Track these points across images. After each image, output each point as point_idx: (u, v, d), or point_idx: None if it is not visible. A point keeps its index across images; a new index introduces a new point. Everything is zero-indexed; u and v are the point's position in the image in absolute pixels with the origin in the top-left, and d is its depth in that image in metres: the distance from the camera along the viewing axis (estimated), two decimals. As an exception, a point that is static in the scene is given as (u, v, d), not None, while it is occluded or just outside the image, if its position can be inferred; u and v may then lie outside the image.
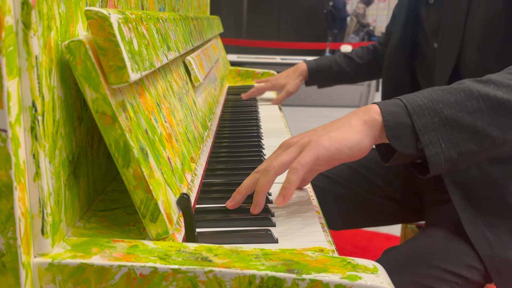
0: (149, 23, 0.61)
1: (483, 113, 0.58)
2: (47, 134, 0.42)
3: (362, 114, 0.59)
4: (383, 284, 0.41)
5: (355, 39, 7.29)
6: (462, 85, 0.61)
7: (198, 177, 0.72)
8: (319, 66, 1.39)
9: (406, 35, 1.07)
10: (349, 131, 0.58)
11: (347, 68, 1.35)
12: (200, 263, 0.42)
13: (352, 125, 0.58)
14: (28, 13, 0.39)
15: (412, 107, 0.58)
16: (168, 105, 0.67)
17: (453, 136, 0.58)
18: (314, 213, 0.65)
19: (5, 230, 0.40)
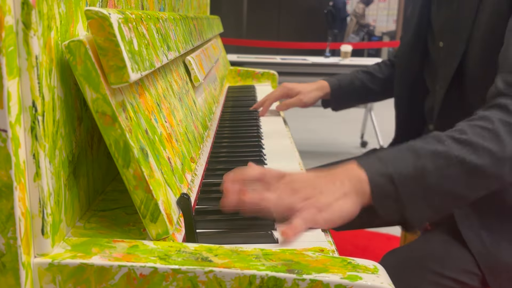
0: (149, 23, 0.61)
1: (460, 179, 0.64)
2: (47, 134, 0.42)
3: (354, 182, 0.62)
4: (384, 284, 0.41)
5: (355, 39, 7.29)
6: (441, 147, 0.65)
7: (198, 177, 0.72)
8: (341, 82, 1.22)
9: (418, 36, 1.06)
10: (345, 203, 0.60)
11: (370, 84, 1.23)
12: (200, 263, 0.42)
13: (346, 196, 0.61)
14: (28, 13, 0.39)
15: (398, 179, 0.62)
16: (168, 105, 0.67)
17: (435, 202, 0.64)
18: (314, 213, 0.65)
19: (5, 230, 0.40)
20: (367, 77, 1.24)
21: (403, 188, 0.62)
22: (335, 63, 3.63)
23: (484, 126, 0.67)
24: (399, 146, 0.67)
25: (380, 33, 8.01)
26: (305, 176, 0.63)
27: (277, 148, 0.97)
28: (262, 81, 1.78)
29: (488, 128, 0.66)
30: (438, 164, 0.63)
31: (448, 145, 0.65)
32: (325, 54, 4.02)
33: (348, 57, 3.86)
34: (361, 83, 1.23)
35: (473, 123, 0.68)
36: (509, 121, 0.67)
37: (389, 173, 0.62)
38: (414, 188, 0.63)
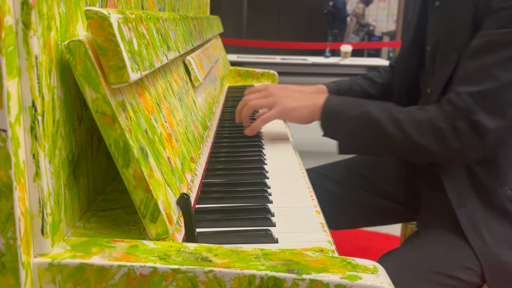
0: (149, 23, 0.61)
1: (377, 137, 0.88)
2: (47, 134, 0.42)
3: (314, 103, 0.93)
4: (383, 284, 0.41)
5: (355, 39, 7.29)
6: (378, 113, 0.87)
7: (198, 177, 0.72)
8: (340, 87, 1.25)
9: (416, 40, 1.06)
10: (303, 109, 0.94)
11: (369, 89, 1.24)
12: (200, 263, 0.42)
13: (307, 107, 0.94)
14: (28, 13, 0.39)
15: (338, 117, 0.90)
16: (168, 105, 0.67)
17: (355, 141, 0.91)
18: (314, 213, 0.65)
19: (5, 230, 0.40)
20: (366, 83, 1.24)
21: (338, 124, 0.91)
22: (335, 63, 3.63)
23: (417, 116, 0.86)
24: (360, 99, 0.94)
25: (380, 33, 8.01)
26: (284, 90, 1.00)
27: (277, 148, 0.97)
28: (262, 81, 1.78)
29: (419, 120, 0.85)
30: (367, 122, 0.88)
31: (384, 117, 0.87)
32: (325, 54, 4.02)
33: (348, 57, 3.86)
34: (360, 88, 1.23)
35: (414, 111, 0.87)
36: (436, 124, 0.84)
37: (334, 108, 0.91)
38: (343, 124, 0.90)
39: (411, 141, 0.85)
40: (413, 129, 0.85)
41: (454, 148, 0.83)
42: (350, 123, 0.89)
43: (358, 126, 0.88)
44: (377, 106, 0.89)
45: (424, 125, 0.85)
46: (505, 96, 0.82)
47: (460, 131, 0.83)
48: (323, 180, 1.13)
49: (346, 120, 0.89)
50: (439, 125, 0.84)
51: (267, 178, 0.78)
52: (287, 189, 0.74)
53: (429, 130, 0.84)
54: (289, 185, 0.75)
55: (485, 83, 0.82)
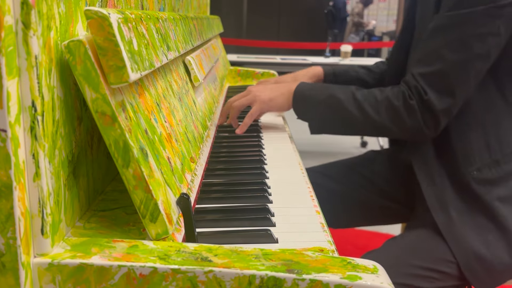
0: (149, 23, 0.61)
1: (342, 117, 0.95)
2: (47, 134, 0.42)
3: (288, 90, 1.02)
4: (383, 284, 0.41)
5: (355, 39, 7.29)
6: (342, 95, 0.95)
7: (198, 177, 0.72)
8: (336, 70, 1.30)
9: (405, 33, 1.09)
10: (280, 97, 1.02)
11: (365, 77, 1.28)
12: (200, 263, 0.42)
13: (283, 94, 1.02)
14: (28, 13, 0.39)
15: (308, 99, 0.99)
16: (168, 105, 0.67)
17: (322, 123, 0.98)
18: (314, 213, 0.65)
19: (4, 230, 0.40)
20: (363, 71, 1.28)
21: (308, 108, 0.99)
22: (335, 63, 3.63)
23: (376, 96, 0.93)
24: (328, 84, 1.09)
25: (380, 33, 8.01)
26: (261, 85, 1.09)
27: (277, 147, 0.97)
28: (262, 81, 1.77)
29: (377, 99, 0.92)
30: (332, 103, 0.95)
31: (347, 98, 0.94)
32: (325, 54, 4.02)
33: (348, 57, 3.86)
34: (356, 74, 1.28)
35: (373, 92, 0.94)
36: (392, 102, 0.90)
37: (304, 93, 1.00)
38: (314, 110, 0.98)
39: (370, 119, 0.92)
40: (371, 108, 0.92)
41: (408, 125, 0.90)
42: (318, 106, 0.96)
43: (324, 108, 0.96)
44: (342, 89, 0.96)
45: (381, 104, 0.91)
46: (452, 76, 0.87)
47: (412, 109, 0.89)
48: (323, 179, 1.13)
49: (314, 103, 0.97)
50: (394, 103, 0.90)
51: (267, 178, 0.78)
52: (287, 189, 0.74)
53: (385, 108, 0.91)
54: (289, 185, 0.75)
55: (434, 64, 0.88)
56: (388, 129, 0.92)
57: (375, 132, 0.98)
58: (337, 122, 0.97)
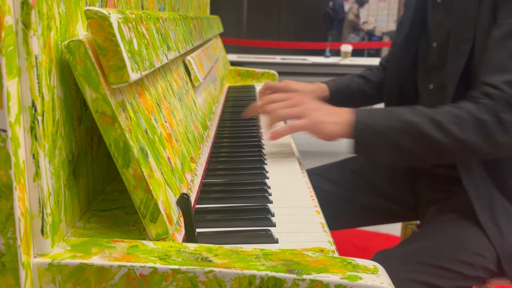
0: (149, 22, 0.61)
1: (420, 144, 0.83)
2: (47, 134, 0.42)
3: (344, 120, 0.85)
4: (384, 284, 0.40)
5: (355, 39, 7.29)
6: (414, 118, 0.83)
7: (198, 177, 0.72)
8: (339, 85, 1.23)
9: (412, 35, 1.07)
10: (332, 127, 0.86)
11: (364, 87, 1.24)
12: (200, 263, 0.42)
13: (336, 124, 0.86)
14: (28, 13, 0.39)
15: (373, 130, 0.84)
16: (168, 105, 0.67)
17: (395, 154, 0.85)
18: (314, 213, 0.65)
19: (4, 230, 0.40)
20: (362, 81, 1.24)
21: (374, 138, 0.84)
22: (335, 63, 3.63)
23: (457, 114, 0.82)
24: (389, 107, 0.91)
25: (380, 33, 8.01)
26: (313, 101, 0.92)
27: (278, 147, 0.97)
28: (262, 81, 1.78)
29: (459, 116, 0.82)
30: (406, 130, 0.83)
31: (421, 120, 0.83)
32: (325, 54, 4.02)
33: (348, 57, 3.86)
34: (357, 86, 1.23)
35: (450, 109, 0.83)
36: (480, 118, 0.81)
37: (369, 124, 0.85)
38: (381, 140, 0.84)
39: (457, 140, 0.81)
40: (456, 128, 0.81)
41: (502, 141, 0.81)
42: (388, 134, 0.83)
43: (397, 135, 0.83)
44: (411, 111, 0.85)
45: (467, 121, 0.81)
46: None
47: (506, 123, 0.80)
48: (320, 181, 1.12)
49: (383, 131, 0.84)
50: (483, 118, 0.81)
51: (267, 178, 0.78)
52: (287, 189, 0.74)
53: (473, 126, 0.81)
54: (289, 185, 0.75)
55: None
56: (477, 148, 0.82)
57: (462, 155, 0.86)
58: (416, 150, 0.84)
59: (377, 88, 1.23)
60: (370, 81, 1.24)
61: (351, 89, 1.23)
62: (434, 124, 0.82)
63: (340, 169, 1.17)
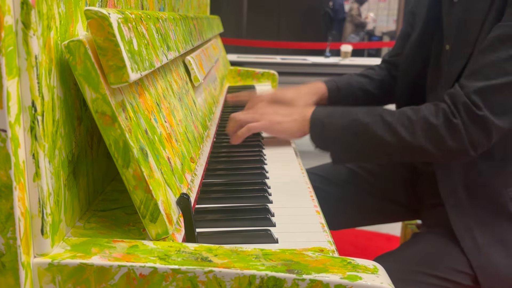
0: (149, 23, 0.61)
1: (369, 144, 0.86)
2: (47, 134, 0.42)
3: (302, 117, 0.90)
4: (383, 284, 0.41)
5: (355, 39, 7.29)
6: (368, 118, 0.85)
7: (198, 177, 0.72)
8: (339, 84, 1.17)
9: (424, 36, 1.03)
10: (292, 123, 0.90)
11: (367, 86, 1.19)
12: (200, 263, 0.42)
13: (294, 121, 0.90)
14: (28, 13, 0.39)
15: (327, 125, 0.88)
16: (168, 105, 0.67)
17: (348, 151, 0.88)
18: (314, 213, 0.65)
19: (4, 230, 0.40)
20: (364, 80, 1.19)
21: (328, 135, 0.88)
22: (335, 63, 3.63)
23: (410, 116, 0.84)
24: (347, 107, 0.90)
25: (380, 33, 8.01)
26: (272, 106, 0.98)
27: (277, 147, 0.97)
28: (262, 81, 1.78)
29: (411, 119, 0.83)
30: (358, 130, 0.86)
31: (374, 121, 0.85)
32: (325, 54, 4.02)
33: (348, 57, 3.86)
34: (358, 84, 1.18)
35: (406, 111, 0.85)
36: (429, 122, 0.81)
37: (323, 122, 0.88)
38: (336, 137, 0.87)
39: (404, 143, 0.82)
40: (404, 130, 0.82)
41: (450, 146, 0.81)
42: (340, 133, 0.86)
43: (348, 135, 0.86)
44: (366, 112, 0.86)
45: (417, 124, 0.82)
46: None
47: (456, 128, 0.80)
48: (319, 182, 1.11)
49: (336, 130, 0.87)
50: (432, 122, 0.81)
51: (267, 178, 0.78)
52: (287, 189, 0.74)
53: (422, 129, 0.82)
54: (289, 185, 0.75)
55: (495, 77, 0.79)
56: (426, 152, 0.82)
57: (412, 156, 0.87)
58: (365, 149, 0.86)
59: (380, 87, 1.19)
60: (373, 80, 1.19)
61: (352, 88, 1.18)
62: (384, 124, 0.83)
63: (340, 170, 1.16)
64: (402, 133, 0.82)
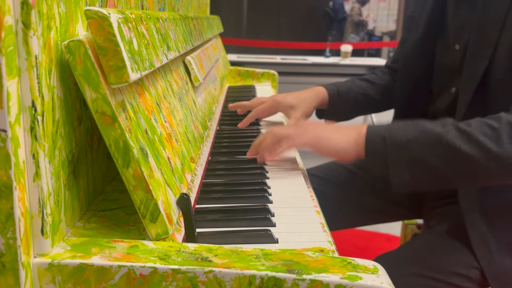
0: (149, 23, 0.61)
1: (446, 160, 0.71)
2: (47, 134, 0.42)
3: (355, 133, 0.75)
4: (384, 284, 0.41)
5: (355, 39, 7.29)
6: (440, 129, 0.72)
7: (198, 177, 0.72)
8: (339, 89, 1.11)
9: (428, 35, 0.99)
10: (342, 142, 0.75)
11: (369, 91, 1.13)
12: (200, 263, 0.42)
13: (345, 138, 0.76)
14: (28, 13, 0.39)
15: (389, 142, 0.72)
16: (168, 105, 0.67)
17: (416, 173, 0.72)
18: (314, 213, 0.65)
19: (4, 230, 0.40)
20: (366, 84, 1.14)
21: (391, 152, 0.72)
22: (335, 63, 3.63)
23: (490, 124, 0.71)
24: (410, 120, 0.75)
25: (380, 33, 8.01)
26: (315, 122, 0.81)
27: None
28: (262, 81, 1.78)
29: (493, 127, 0.70)
30: (429, 142, 0.71)
31: (447, 130, 0.71)
32: (325, 54, 4.02)
33: (348, 57, 3.86)
34: (360, 89, 1.13)
35: (484, 120, 0.72)
36: None
37: (384, 136, 0.73)
38: (400, 154, 0.72)
39: (491, 155, 0.69)
40: (489, 140, 0.69)
41: None
42: (406, 148, 0.71)
43: (417, 150, 0.71)
44: (433, 122, 0.73)
45: (503, 132, 0.69)
46: None
47: None
48: (318, 183, 1.11)
49: (400, 145, 0.71)
50: None
51: (267, 178, 0.78)
52: (287, 189, 0.74)
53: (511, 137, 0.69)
54: (289, 185, 0.75)
55: None
56: None
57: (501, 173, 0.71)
58: (441, 168, 0.71)
59: (383, 92, 1.13)
60: (375, 85, 1.14)
61: (353, 92, 1.12)
62: (461, 134, 0.70)
63: (336, 169, 1.15)
64: (486, 143, 0.69)
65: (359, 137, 0.74)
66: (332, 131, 0.77)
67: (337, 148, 0.75)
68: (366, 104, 1.15)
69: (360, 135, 0.74)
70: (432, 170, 0.71)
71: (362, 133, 0.74)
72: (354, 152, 0.74)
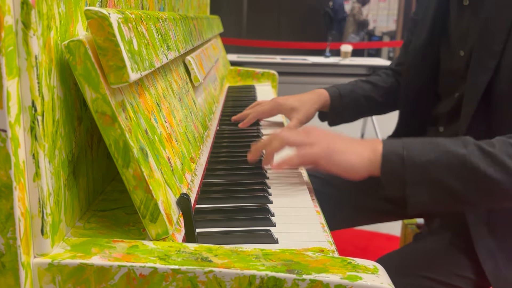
0: (149, 23, 0.61)
1: (468, 184, 0.67)
2: (47, 134, 0.42)
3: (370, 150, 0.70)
4: (384, 284, 0.41)
5: (355, 39, 7.29)
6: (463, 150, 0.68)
7: (198, 177, 0.72)
8: (341, 91, 1.09)
9: (432, 40, 0.98)
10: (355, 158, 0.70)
11: (372, 93, 1.11)
12: (200, 263, 0.42)
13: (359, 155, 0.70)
14: (28, 13, 0.39)
15: (408, 163, 0.68)
16: (168, 105, 0.67)
17: (436, 195, 0.68)
18: (314, 213, 0.65)
19: (4, 230, 0.40)
20: (368, 87, 1.12)
21: (410, 173, 0.68)
22: (335, 63, 3.63)
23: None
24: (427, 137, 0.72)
25: (380, 33, 8.02)
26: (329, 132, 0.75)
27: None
28: (262, 81, 1.78)
29: None
30: (451, 163, 0.67)
31: (470, 151, 0.68)
32: (325, 54, 4.02)
33: (348, 57, 3.86)
34: (363, 92, 1.11)
35: (507, 140, 0.69)
36: None
37: (402, 155, 0.68)
38: (419, 175, 0.67)
39: None
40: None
41: None
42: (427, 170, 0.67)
43: (438, 172, 0.67)
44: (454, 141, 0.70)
45: None
46: None
47: None
48: (317, 183, 1.10)
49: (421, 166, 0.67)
50: None
51: (267, 178, 0.78)
52: (287, 189, 0.74)
53: None
54: (289, 185, 0.75)
55: None
56: None
57: None
58: (464, 191, 0.68)
59: (386, 94, 1.11)
60: (378, 87, 1.12)
61: (355, 95, 1.10)
62: (485, 156, 0.67)
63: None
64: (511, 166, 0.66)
65: (374, 155, 0.69)
66: (347, 144, 0.71)
67: (348, 166, 0.70)
68: (368, 106, 1.13)
69: (375, 153, 0.69)
70: (452, 192, 0.68)
71: (378, 152, 0.69)
72: (366, 172, 0.70)
